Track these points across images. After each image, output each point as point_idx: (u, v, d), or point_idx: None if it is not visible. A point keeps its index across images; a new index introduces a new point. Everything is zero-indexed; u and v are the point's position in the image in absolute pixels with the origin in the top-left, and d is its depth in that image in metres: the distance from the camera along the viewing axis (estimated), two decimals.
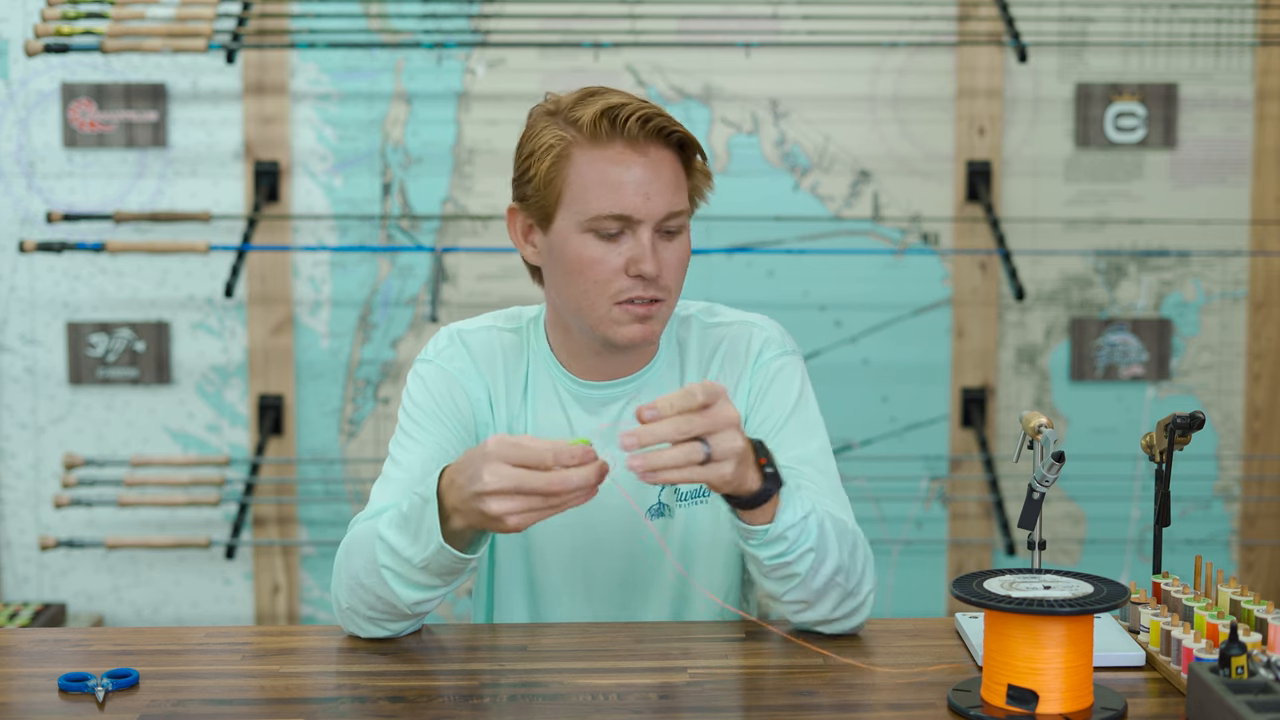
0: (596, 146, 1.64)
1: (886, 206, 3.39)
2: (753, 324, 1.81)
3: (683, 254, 1.69)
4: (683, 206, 1.67)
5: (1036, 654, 1.33)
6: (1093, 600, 1.34)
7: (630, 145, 1.63)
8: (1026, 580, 1.40)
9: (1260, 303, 3.44)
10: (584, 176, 1.64)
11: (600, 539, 1.77)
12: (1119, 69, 3.39)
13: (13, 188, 3.37)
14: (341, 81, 3.35)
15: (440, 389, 1.76)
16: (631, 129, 1.62)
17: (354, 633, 1.63)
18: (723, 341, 1.80)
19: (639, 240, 1.65)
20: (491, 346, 1.79)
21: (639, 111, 1.63)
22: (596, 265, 1.65)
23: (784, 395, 1.76)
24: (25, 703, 1.45)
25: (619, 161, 1.63)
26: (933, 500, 3.44)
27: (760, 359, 1.78)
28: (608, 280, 1.65)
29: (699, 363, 1.79)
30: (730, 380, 1.78)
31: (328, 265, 3.38)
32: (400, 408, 1.78)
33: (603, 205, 1.63)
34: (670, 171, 1.66)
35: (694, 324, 1.81)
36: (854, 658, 1.56)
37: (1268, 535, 3.47)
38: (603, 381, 1.76)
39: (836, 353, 3.40)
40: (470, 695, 1.46)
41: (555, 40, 3.24)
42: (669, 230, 1.67)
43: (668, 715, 1.41)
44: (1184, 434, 1.63)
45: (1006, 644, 1.35)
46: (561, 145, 1.65)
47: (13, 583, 3.44)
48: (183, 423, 3.41)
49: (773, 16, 3.33)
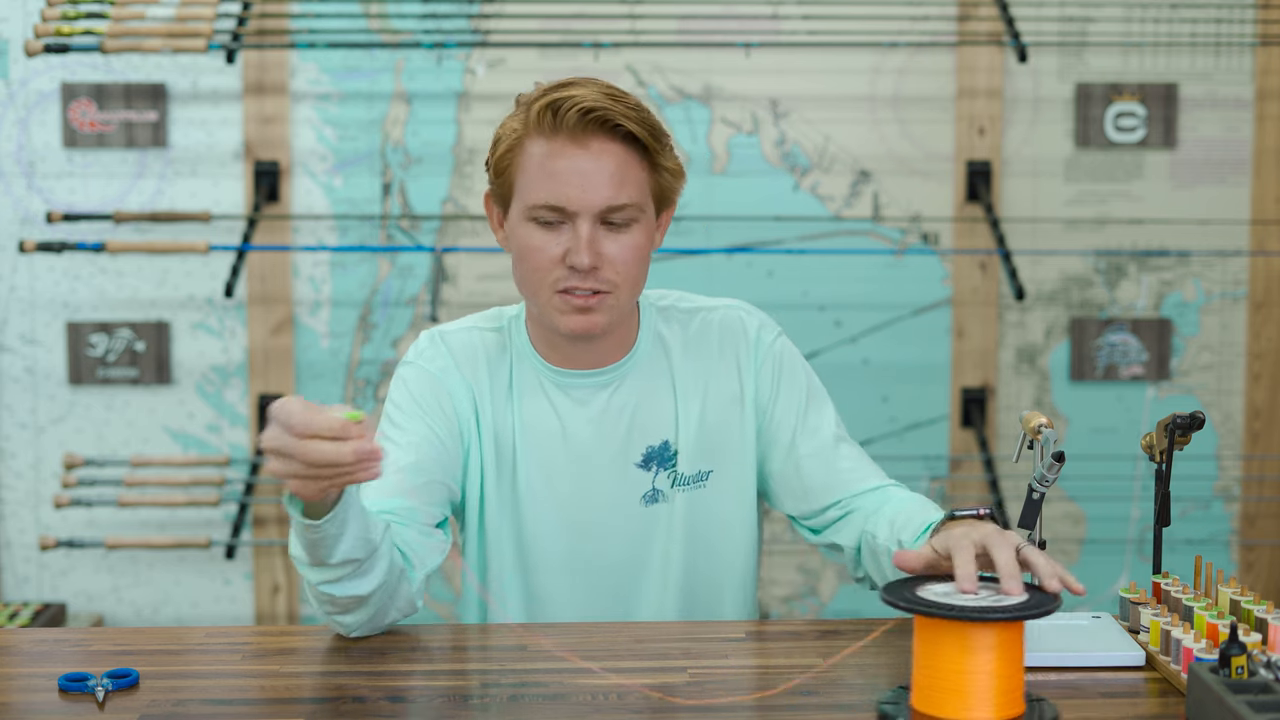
0: (541, 137, 1.67)
1: (886, 206, 3.39)
2: (737, 306, 1.86)
3: (633, 248, 1.69)
4: (628, 200, 1.67)
5: (966, 661, 1.32)
6: (1022, 607, 1.32)
7: (571, 137, 1.66)
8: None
9: (1260, 303, 3.44)
10: (528, 166, 1.68)
11: (594, 534, 1.77)
12: (1119, 69, 3.39)
13: (13, 188, 3.37)
14: (341, 81, 3.35)
15: (423, 389, 1.76)
16: (570, 120, 1.65)
17: (334, 630, 1.63)
18: (712, 326, 1.83)
19: (576, 232, 1.66)
20: (473, 346, 1.80)
21: (581, 104, 1.64)
22: (536, 254, 1.68)
23: (796, 379, 1.82)
24: (25, 703, 1.45)
25: (558, 153, 1.66)
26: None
27: (760, 342, 1.82)
28: (546, 269, 1.68)
29: (689, 355, 1.81)
30: (732, 362, 1.81)
31: (328, 265, 3.38)
32: (383, 411, 1.78)
33: (540, 195, 1.67)
34: (615, 164, 1.66)
35: (673, 314, 1.84)
36: (852, 659, 1.56)
37: (1268, 535, 3.47)
38: (585, 370, 1.78)
39: (836, 353, 3.40)
40: (470, 695, 1.46)
41: (555, 40, 3.24)
42: (613, 223, 1.68)
43: (668, 715, 1.41)
44: (1184, 434, 1.63)
45: (935, 649, 1.33)
46: (514, 135, 1.70)
47: (13, 583, 3.44)
48: (183, 423, 3.41)
49: (773, 16, 3.33)
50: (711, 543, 1.80)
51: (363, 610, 1.58)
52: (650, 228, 1.73)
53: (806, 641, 1.62)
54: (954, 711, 1.31)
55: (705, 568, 1.80)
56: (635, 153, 1.68)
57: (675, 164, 1.74)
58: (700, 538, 1.79)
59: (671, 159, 1.73)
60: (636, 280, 1.72)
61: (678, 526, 1.78)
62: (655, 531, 1.78)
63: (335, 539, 1.49)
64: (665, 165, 1.72)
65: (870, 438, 3.42)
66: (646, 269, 1.74)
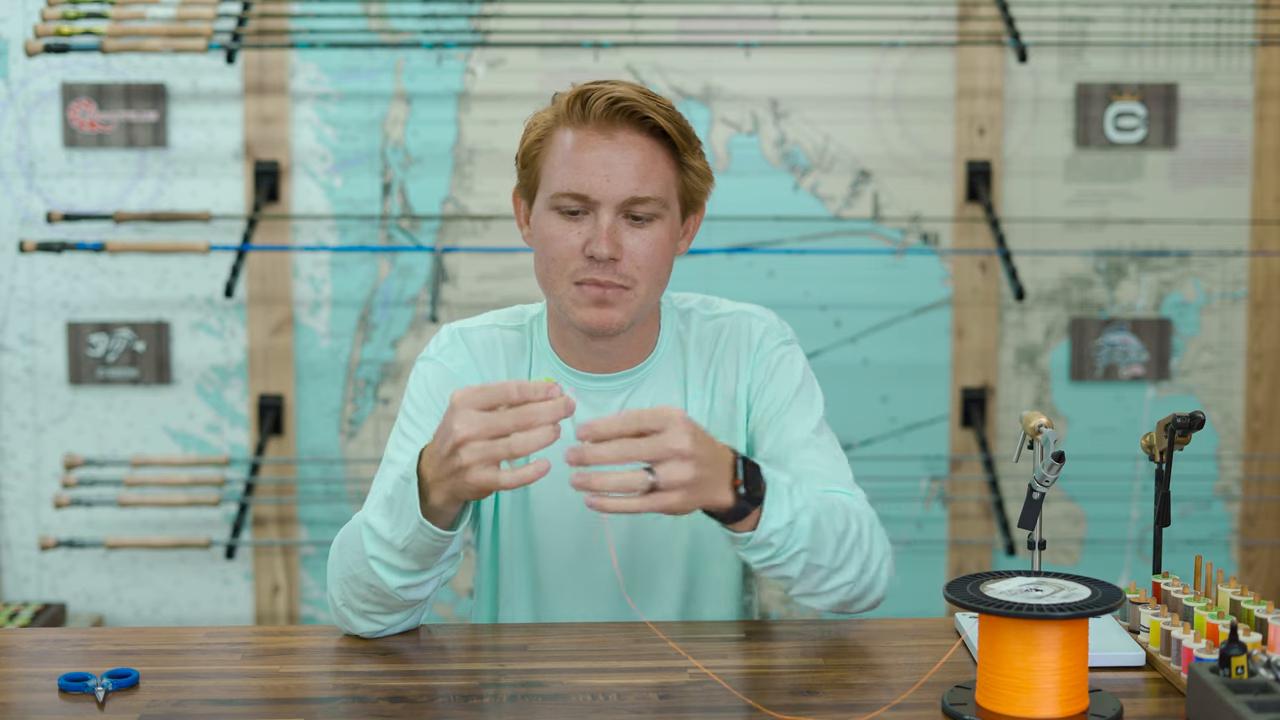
0: (570, 127, 1.67)
1: (886, 206, 3.39)
2: (750, 314, 1.82)
3: (654, 243, 1.68)
4: (651, 194, 1.66)
5: (1031, 658, 1.33)
6: (1088, 604, 1.34)
7: (598, 127, 1.65)
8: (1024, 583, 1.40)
9: (1260, 303, 3.44)
10: (554, 155, 1.68)
11: (603, 537, 1.77)
12: (1119, 69, 3.39)
13: (13, 188, 3.37)
14: (341, 81, 3.35)
15: (441, 386, 1.76)
16: (598, 109, 1.64)
17: (348, 630, 1.63)
18: (722, 331, 1.81)
19: (597, 222, 1.65)
20: (493, 344, 1.80)
21: (610, 94, 1.64)
22: (555, 242, 1.67)
23: (785, 383, 1.77)
24: (25, 703, 1.45)
25: (585, 142, 1.66)
26: (933, 500, 3.44)
27: (761, 348, 1.79)
28: (566, 259, 1.67)
29: (700, 355, 1.80)
30: (730, 368, 1.79)
31: (328, 265, 3.38)
32: (401, 405, 1.78)
33: (563, 183, 1.66)
34: (640, 156, 1.66)
35: (694, 317, 1.82)
36: (853, 659, 1.56)
37: (1268, 535, 3.47)
38: (603, 374, 1.76)
39: (836, 353, 3.40)
40: (470, 695, 1.46)
41: (555, 40, 3.24)
42: (636, 216, 1.67)
43: (668, 715, 1.41)
44: (1184, 434, 1.63)
45: (1000, 647, 1.35)
46: (545, 125, 1.69)
47: (13, 583, 3.44)
48: (183, 423, 3.41)
49: (773, 16, 3.33)
50: (715, 545, 1.79)
51: (411, 613, 1.62)
52: (674, 227, 1.71)
53: (807, 641, 1.62)
54: (1020, 708, 1.34)
55: (710, 577, 1.80)
56: (663, 148, 1.68)
57: (704, 165, 1.72)
58: (703, 540, 1.78)
59: (700, 160, 1.72)
60: (657, 278, 1.70)
61: (682, 531, 1.78)
62: (662, 536, 1.78)
63: (451, 545, 1.53)
64: (692, 165, 1.71)
65: (870, 438, 3.42)
66: (669, 269, 1.72)
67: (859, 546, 1.59)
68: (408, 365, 3.38)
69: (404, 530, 1.51)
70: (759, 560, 1.52)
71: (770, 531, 1.49)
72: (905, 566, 3.43)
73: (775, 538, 1.49)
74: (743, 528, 1.49)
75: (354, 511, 3.37)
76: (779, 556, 1.51)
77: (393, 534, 1.53)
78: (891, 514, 3.42)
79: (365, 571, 1.56)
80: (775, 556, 1.51)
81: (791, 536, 1.50)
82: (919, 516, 3.44)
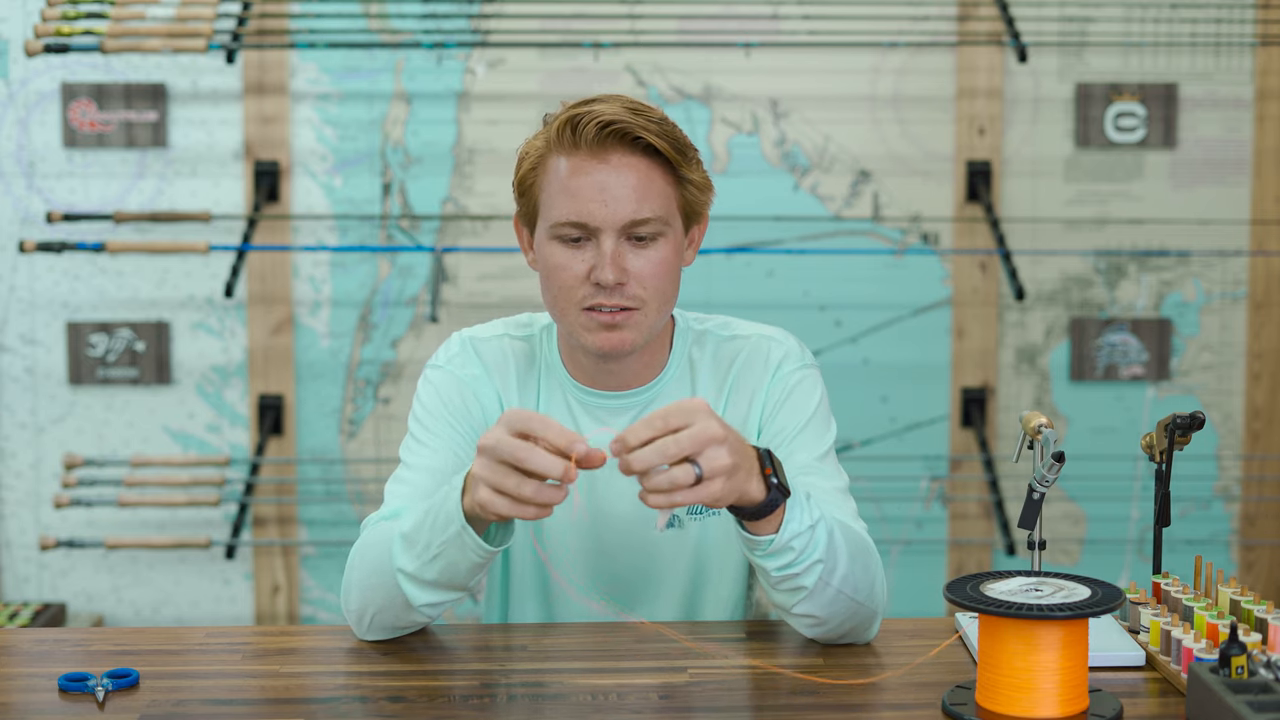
0: (562, 154, 1.65)
1: (886, 206, 3.39)
2: (770, 337, 1.80)
3: (659, 263, 1.66)
4: (651, 214, 1.65)
5: (1031, 658, 1.33)
6: (1088, 604, 1.34)
7: (591, 153, 1.64)
8: (1024, 583, 1.40)
9: (1260, 303, 3.44)
10: (550, 184, 1.66)
11: (613, 543, 1.76)
12: (1119, 69, 3.39)
13: (13, 188, 3.37)
14: (341, 81, 3.35)
15: (452, 394, 1.75)
16: (589, 134, 1.63)
17: (362, 636, 1.62)
18: (739, 354, 1.78)
19: (600, 248, 1.64)
20: (504, 354, 1.79)
21: (600, 118, 1.62)
22: (561, 272, 1.66)
23: (801, 407, 1.75)
24: (25, 703, 1.45)
25: (579, 169, 1.64)
26: (933, 500, 3.44)
27: (780, 371, 1.77)
28: (573, 287, 1.66)
29: (712, 376, 1.78)
30: (746, 392, 1.77)
31: (328, 265, 3.38)
32: (411, 411, 1.78)
33: (562, 212, 1.65)
34: (636, 177, 1.64)
35: (709, 339, 1.80)
36: (853, 659, 1.56)
37: (1268, 535, 3.47)
38: (613, 392, 1.76)
39: (836, 353, 3.40)
40: (471, 695, 1.46)
41: (555, 40, 3.24)
42: (639, 237, 1.66)
43: (668, 715, 1.41)
44: (1184, 434, 1.63)
45: (1000, 647, 1.35)
46: (537, 154, 1.68)
47: (13, 583, 3.44)
48: (183, 423, 3.41)
49: (773, 16, 3.33)
50: (724, 567, 1.78)
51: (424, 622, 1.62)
52: (678, 241, 1.70)
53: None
54: (1020, 708, 1.34)
55: (715, 591, 1.79)
56: (658, 166, 1.66)
57: (702, 176, 1.71)
58: (715, 561, 1.78)
59: (697, 171, 1.70)
60: (665, 296, 1.68)
61: (688, 550, 1.78)
62: (667, 555, 1.78)
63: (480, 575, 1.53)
64: (690, 178, 1.69)
65: (870, 438, 3.42)
66: (676, 284, 1.70)
67: (869, 567, 1.57)
68: (408, 365, 3.38)
69: (441, 534, 1.50)
70: (779, 566, 1.49)
71: (792, 535, 1.47)
72: (905, 566, 3.43)
73: (797, 541, 1.47)
74: (764, 529, 1.48)
75: (355, 512, 3.37)
76: (797, 565, 1.49)
77: (429, 537, 1.51)
78: (891, 514, 3.42)
79: (389, 584, 1.55)
80: (794, 565, 1.49)
81: (812, 542, 1.49)
82: (919, 516, 3.44)
